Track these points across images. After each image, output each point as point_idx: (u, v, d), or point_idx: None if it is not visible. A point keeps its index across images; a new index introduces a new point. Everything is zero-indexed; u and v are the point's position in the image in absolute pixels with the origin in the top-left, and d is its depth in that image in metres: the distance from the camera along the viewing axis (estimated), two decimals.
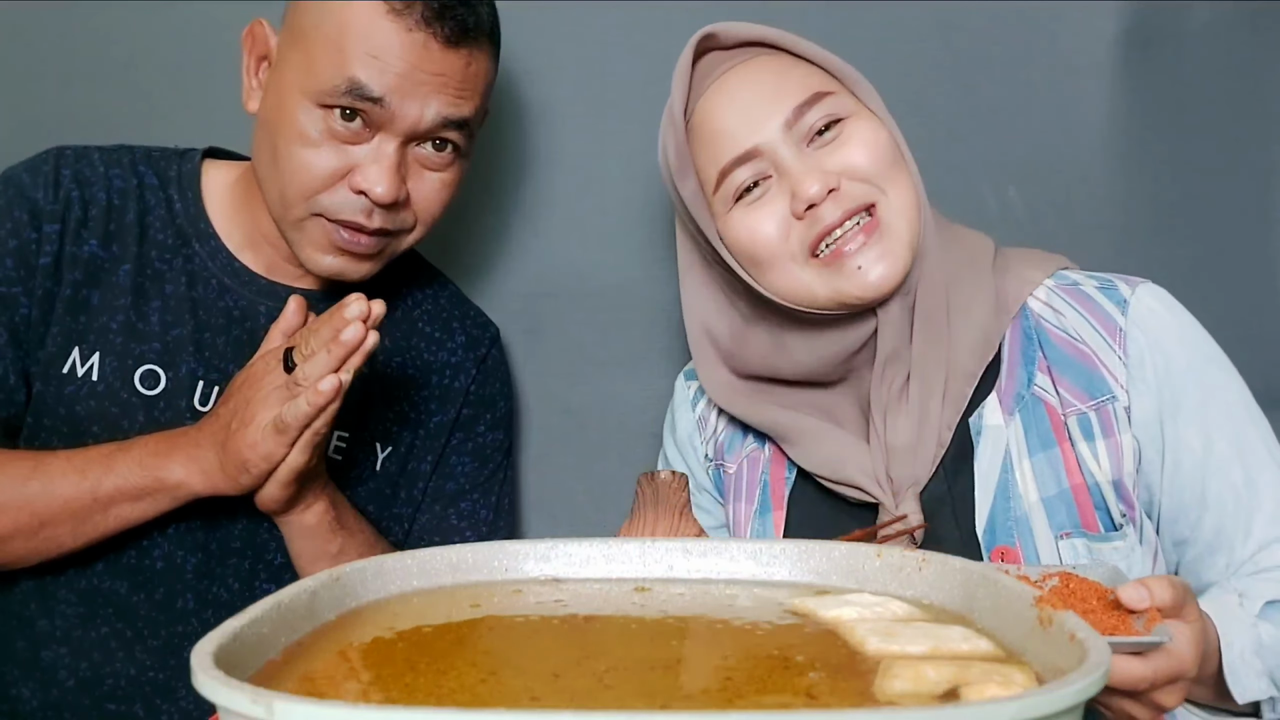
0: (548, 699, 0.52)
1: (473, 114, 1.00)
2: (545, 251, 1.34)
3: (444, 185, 1.02)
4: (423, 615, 0.65)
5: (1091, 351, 0.96)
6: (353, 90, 0.94)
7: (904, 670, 0.54)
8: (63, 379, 1.01)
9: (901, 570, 0.68)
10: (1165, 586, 0.73)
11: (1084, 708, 0.46)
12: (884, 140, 0.94)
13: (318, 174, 0.96)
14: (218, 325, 1.05)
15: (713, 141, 0.96)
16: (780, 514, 1.03)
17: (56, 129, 1.19)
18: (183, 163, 1.09)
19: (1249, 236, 1.28)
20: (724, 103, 0.96)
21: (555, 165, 1.34)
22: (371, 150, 0.96)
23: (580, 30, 1.32)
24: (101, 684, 1.02)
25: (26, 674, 1.02)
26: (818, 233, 0.92)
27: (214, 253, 1.06)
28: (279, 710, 0.44)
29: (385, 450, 1.11)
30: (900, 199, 0.94)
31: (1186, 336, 0.96)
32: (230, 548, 1.05)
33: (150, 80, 1.33)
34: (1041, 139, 1.28)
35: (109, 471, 0.95)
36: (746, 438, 1.08)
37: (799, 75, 0.96)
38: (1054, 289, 1.00)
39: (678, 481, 0.86)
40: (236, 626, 0.54)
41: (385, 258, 1.04)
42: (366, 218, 0.98)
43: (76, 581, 1.02)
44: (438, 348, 1.16)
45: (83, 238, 1.02)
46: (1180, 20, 1.25)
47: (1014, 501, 0.94)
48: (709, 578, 0.72)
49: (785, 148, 0.94)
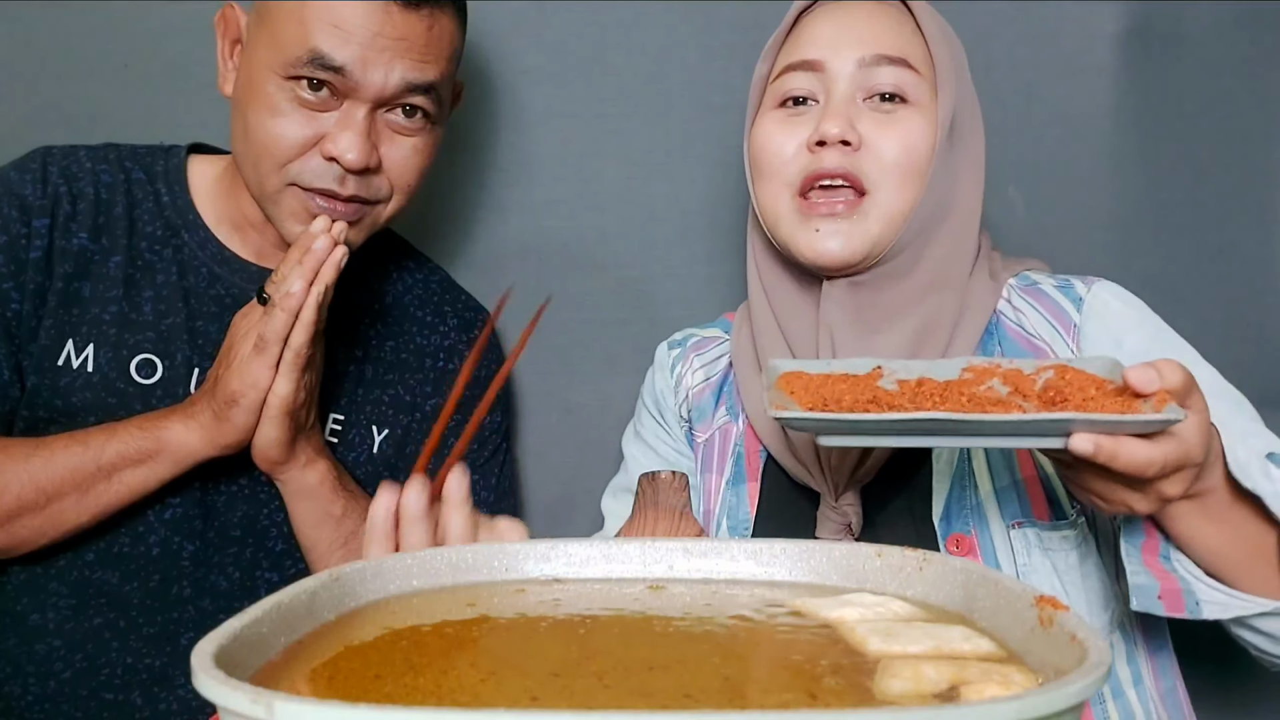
0: (548, 699, 0.52)
1: (438, 78, 1.01)
2: (546, 251, 1.34)
3: (416, 151, 1.03)
4: (423, 615, 0.65)
5: (1046, 345, 0.97)
6: (315, 60, 0.96)
7: (904, 670, 0.54)
8: (57, 371, 1.02)
9: (902, 570, 0.68)
10: (1174, 369, 0.72)
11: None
12: (922, 145, 0.95)
13: (289, 143, 0.98)
14: (210, 313, 1.06)
15: (798, 41, 0.99)
16: (755, 485, 1.03)
17: (48, 129, 1.20)
18: (169, 158, 1.11)
19: (1249, 236, 1.28)
20: (829, 18, 0.99)
21: (555, 165, 1.34)
22: (340, 117, 0.98)
23: (580, 30, 1.32)
24: (98, 674, 1.03)
25: (22, 668, 1.03)
26: (814, 171, 0.95)
27: (203, 242, 1.08)
28: (279, 710, 0.44)
29: (382, 433, 1.12)
30: (890, 203, 0.95)
31: (1143, 323, 0.97)
32: (230, 536, 1.06)
33: (143, 79, 1.34)
34: (1042, 139, 1.28)
35: (111, 439, 0.96)
36: (718, 410, 1.09)
37: (905, 38, 0.97)
38: (1015, 288, 1.02)
39: (678, 481, 0.86)
40: (237, 626, 0.54)
41: (365, 229, 1.05)
42: (340, 185, 0.99)
43: (68, 574, 1.02)
44: (430, 331, 1.17)
45: (72, 231, 1.04)
46: (1181, 20, 1.25)
47: (969, 491, 0.95)
48: (709, 577, 0.72)
49: (844, 83, 0.96)
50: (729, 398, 1.09)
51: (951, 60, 0.98)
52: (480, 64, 1.33)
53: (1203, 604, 0.82)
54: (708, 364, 1.13)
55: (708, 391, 1.10)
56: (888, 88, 0.95)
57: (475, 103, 1.33)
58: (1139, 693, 0.92)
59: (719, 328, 1.16)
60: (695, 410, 1.10)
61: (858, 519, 0.96)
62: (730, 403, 1.09)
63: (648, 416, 1.16)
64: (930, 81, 0.97)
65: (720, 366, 1.12)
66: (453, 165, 1.34)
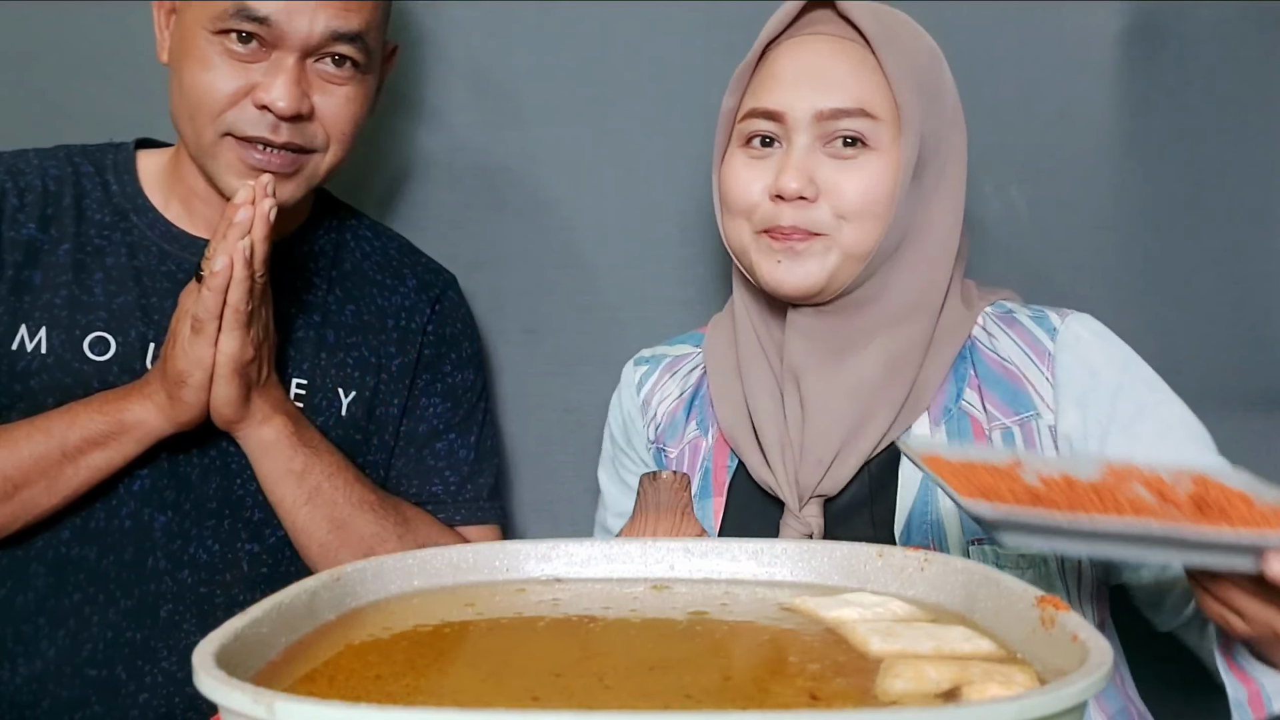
0: (548, 699, 0.52)
1: (363, 27, 1.03)
2: (545, 251, 1.34)
3: (348, 100, 1.06)
4: (423, 615, 0.65)
5: (1020, 372, 0.98)
6: (240, 13, 0.99)
7: (905, 670, 0.54)
8: (13, 356, 1.04)
9: (903, 570, 0.68)
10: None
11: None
12: (883, 188, 0.95)
13: (221, 93, 1.01)
14: (163, 289, 1.08)
15: (764, 81, 1.00)
16: (720, 500, 1.04)
17: (48, 129, 1.20)
18: (117, 152, 1.14)
19: (1249, 237, 1.27)
20: (794, 58, 0.99)
21: (555, 165, 1.34)
22: (270, 66, 1.01)
23: (580, 30, 1.32)
24: (80, 650, 1.04)
25: (9, 649, 1.04)
26: (772, 226, 0.96)
27: (152, 223, 1.11)
28: (280, 710, 0.44)
29: (349, 395, 1.13)
30: (850, 242, 0.95)
31: (1115, 359, 0.97)
32: (206, 508, 1.07)
33: (145, 79, 1.33)
34: (1044, 138, 1.28)
35: (72, 424, 0.99)
36: (689, 424, 1.09)
37: (865, 82, 0.96)
38: (991, 315, 1.03)
39: (679, 482, 0.86)
40: (237, 626, 0.54)
41: (304, 180, 1.07)
42: (273, 133, 1.01)
43: (45, 553, 1.04)
44: (390, 292, 1.19)
45: (19, 222, 1.07)
46: (1183, 19, 1.25)
47: (931, 506, 0.96)
48: (710, 577, 0.72)
49: (804, 134, 0.96)
50: (700, 411, 1.09)
51: (918, 98, 0.96)
52: (481, 64, 1.33)
53: (1273, 698, 0.81)
54: (681, 379, 1.13)
55: (680, 408, 1.11)
56: (847, 134, 0.95)
57: (476, 103, 1.33)
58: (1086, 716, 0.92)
59: (689, 342, 1.16)
60: (668, 428, 1.10)
61: (819, 530, 0.97)
62: (701, 417, 1.09)
63: (612, 445, 1.16)
64: (892, 122, 0.96)
65: (693, 380, 1.12)
66: (451, 164, 1.34)
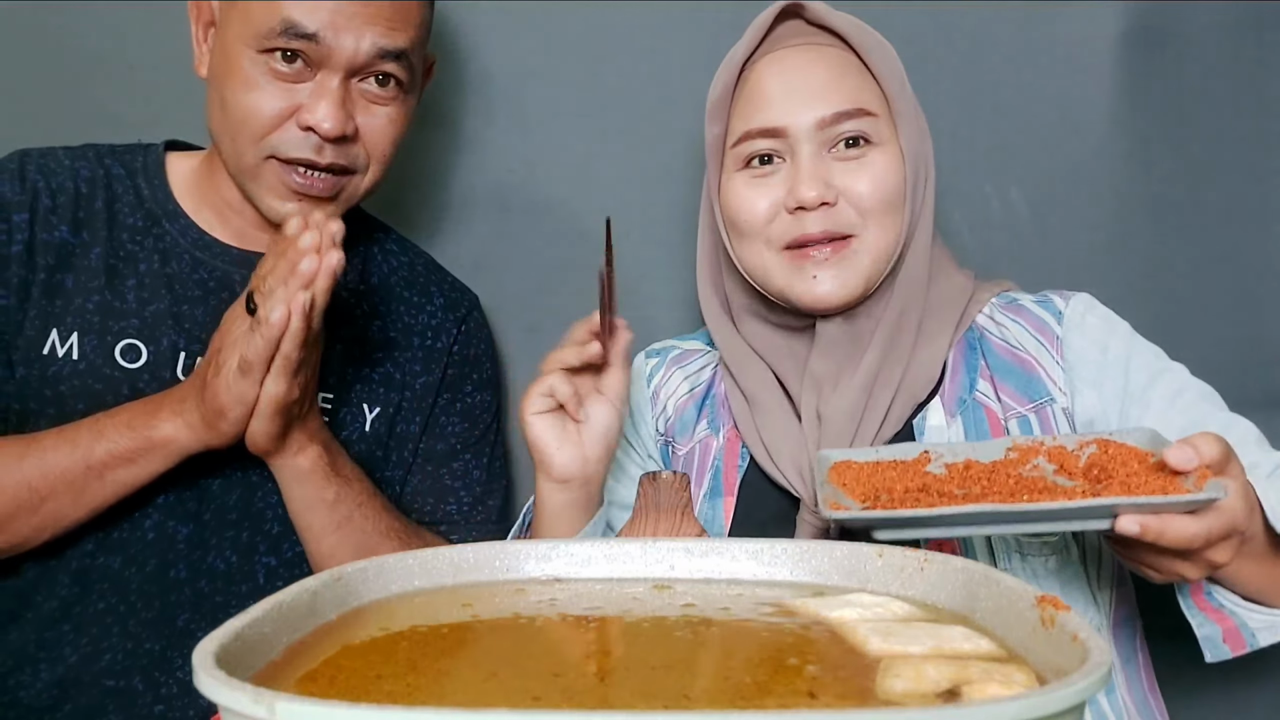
0: (548, 699, 0.52)
1: (409, 45, 1.03)
2: (545, 251, 1.34)
3: (391, 121, 1.05)
4: (424, 615, 0.65)
5: (1032, 358, 0.99)
6: (288, 30, 0.97)
7: (905, 670, 0.54)
8: (44, 360, 1.03)
9: (903, 570, 0.68)
10: (1211, 443, 0.73)
11: None
12: (894, 181, 0.97)
13: (266, 115, 1.00)
14: (194, 297, 1.08)
15: (751, 102, 1.00)
16: (730, 500, 1.04)
17: (48, 129, 1.20)
18: (147, 154, 1.13)
19: (1249, 237, 1.27)
20: (778, 73, 0.99)
21: (555, 165, 1.34)
22: (315, 86, 1.00)
23: (580, 30, 1.32)
24: (99, 659, 1.04)
25: (32, 655, 1.04)
26: (798, 237, 0.97)
27: (184, 230, 1.10)
28: (280, 710, 0.44)
29: (373, 411, 1.14)
30: (877, 240, 0.97)
31: (1120, 333, 0.99)
32: (226, 519, 1.07)
33: (148, 79, 1.34)
34: (1044, 139, 1.28)
35: (99, 438, 0.97)
36: (700, 423, 1.09)
37: (855, 83, 0.98)
38: (996, 305, 1.04)
39: (679, 482, 0.86)
40: (238, 626, 0.54)
41: (344, 201, 1.06)
42: (317, 154, 1.01)
43: (70, 562, 1.03)
44: (417, 311, 1.19)
45: (52, 224, 1.05)
46: (1182, 20, 1.25)
47: None
48: (710, 577, 0.72)
49: (808, 143, 0.97)
50: (711, 410, 1.09)
51: (901, 87, 0.99)
52: (482, 64, 1.33)
53: (1257, 633, 0.84)
54: (690, 376, 1.13)
55: (690, 404, 1.11)
56: (851, 135, 0.97)
57: (476, 103, 1.33)
58: (1111, 701, 0.93)
59: (700, 340, 1.17)
60: (677, 423, 1.10)
61: (835, 525, 0.97)
62: (712, 416, 1.09)
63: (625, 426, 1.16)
64: (886, 116, 0.98)
65: (704, 379, 1.12)
66: (454, 165, 1.34)
